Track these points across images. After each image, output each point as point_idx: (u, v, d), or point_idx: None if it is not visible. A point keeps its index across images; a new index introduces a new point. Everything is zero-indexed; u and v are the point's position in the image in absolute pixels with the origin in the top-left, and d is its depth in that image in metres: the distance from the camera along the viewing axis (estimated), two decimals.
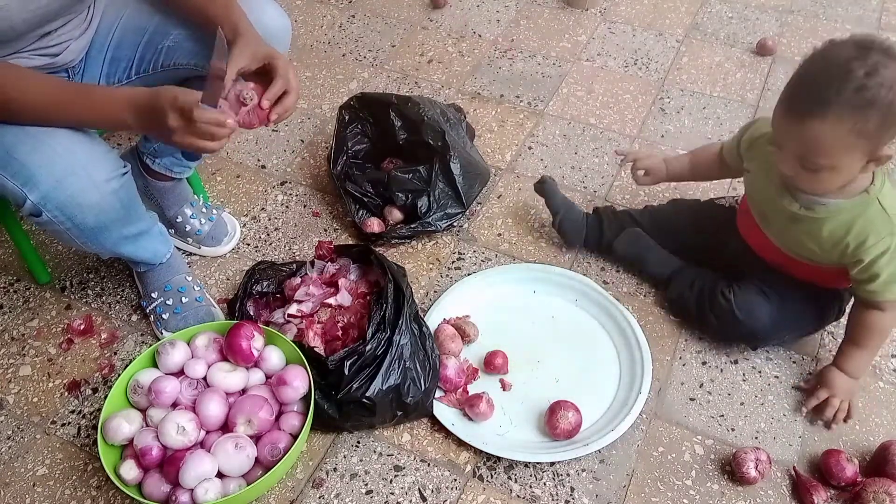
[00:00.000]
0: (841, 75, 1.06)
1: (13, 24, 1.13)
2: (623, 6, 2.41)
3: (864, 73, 1.05)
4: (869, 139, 1.08)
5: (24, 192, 1.15)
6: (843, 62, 1.06)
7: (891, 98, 1.05)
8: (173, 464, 1.18)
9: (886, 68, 1.04)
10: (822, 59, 1.10)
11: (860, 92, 1.05)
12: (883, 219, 1.18)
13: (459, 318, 1.50)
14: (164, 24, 1.36)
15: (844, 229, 1.21)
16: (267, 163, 1.91)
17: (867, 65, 1.05)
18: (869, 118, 1.06)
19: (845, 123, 1.06)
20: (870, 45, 1.06)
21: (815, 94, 1.08)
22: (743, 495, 1.26)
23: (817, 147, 1.11)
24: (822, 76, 1.08)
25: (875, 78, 1.04)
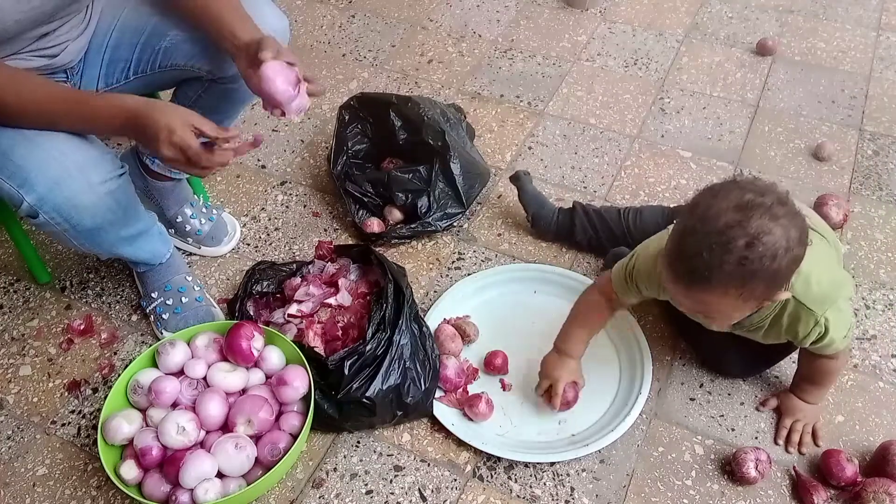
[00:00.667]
0: (721, 247, 0.98)
1: (5, 25, 1.12)
2: (623, 6, 2.41)
3: (744, 243, 0.98)
4: (757, 299, 1.06)
5: (21, 194, 1.15)
6: (721, 230, 0.99)
7: (775, 266, 1.00)
8: (173, 464, 1.18)
9: (769, 234, 0.98)
10: (701, 221, 1.01)
11: (742, 265, 0.99)
12: (804, 313, 1.14)
13: (459, 318, 1.50)
14: (161, 25, 1.35)
15: (776, 330, 1.20)
16: (267, 163, 1.91)
17: (747, 234, 0.98)
18: (754, 286, 1.02)
19: (731, 293, 1.03)
20: (749, 206, 0.99)
21: (698, 268, 1.02)
22: (743, 495, 1.26)
23: (706, 309, 1.11)
24: (702, 246, 1.00)
25: (756, 249, 0.97)
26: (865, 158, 1.86)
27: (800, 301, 1.14)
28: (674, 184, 1.81)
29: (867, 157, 1.87)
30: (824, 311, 1.14)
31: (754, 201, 1.00)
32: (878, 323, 1.51)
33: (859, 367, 1.43)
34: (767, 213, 0.99)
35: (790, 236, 0.99)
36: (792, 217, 1.00)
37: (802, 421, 1.32)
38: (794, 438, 1.32)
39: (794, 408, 1.33)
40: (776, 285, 1.04)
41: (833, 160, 1.85)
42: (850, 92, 2.05)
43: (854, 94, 2.05)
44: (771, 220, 0.98)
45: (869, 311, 1.52)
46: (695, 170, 1.84)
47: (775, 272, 1.01)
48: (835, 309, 1.15)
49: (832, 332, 1.16)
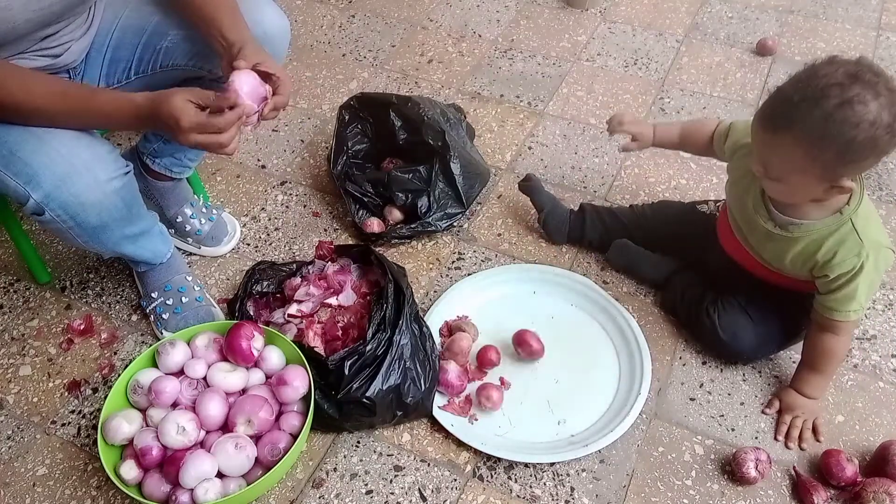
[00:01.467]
0: (814, 99, 1.03)
1: (15, 24, 1.13)
2: (623, 6, 2.41)
3: (835, 103, 1.01)
4: (825, 168, 1.08)
5: (28, 191, 1.15)
6: (823, 87, 1.03)
7: (852, 135, 1.02)
8: (173, 464, 1.18)
9: (862, 104, 1.01)
10: (807, 76, 1.07)
11: (824, 121, 1.03)
12: (853, 239, 1.18)
13: (459, 318, 1.50)
14: (162, 25, 1.36)
15: (815, 247, 1.21)
16: (267, 163, 1.91)
17: (843, 96, 1.01)
18: (826, 149, 1.05)
19: (803, 146, 1.06)
20: (858, 75, 1.02)
21: (785, 110, 1.07)
22: (743, 495, 1.26)
23: (775, 159, 1.13)
24: (798, 94, 1.06)
25: (844, 111, 1.01)
26: None
27: (855, 228, 1.17)
28: (674, 184, 1.81)
29: None
30: (869, 250, 1.17)
31: (865, 76, 1.03)
32: (878, 323, 1.51)
33: (859, 367, 1.43)
34: (871, 88, 1.02)
35: (881, 116, 1.02)
36: (892, 104, 1.02)
37: (802, 417, 1.33)
38: (794, 434, 1.32)
39: (795, 404, 1.34)
40: (846, 159, 1.06)
41: None
42: None
43: None
44: (871, 94, 1.01)
45: (869, 311, 1.52)
46: (695, 170, 1.84)
47: (850, 141, 1.03)
48: (875, 257, 1.18)
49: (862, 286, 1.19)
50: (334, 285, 1.46)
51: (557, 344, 1.47)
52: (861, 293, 1.21)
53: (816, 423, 1.33)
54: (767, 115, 1.11)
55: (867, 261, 1.18)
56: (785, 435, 1.33)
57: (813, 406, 1.33)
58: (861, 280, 1.20)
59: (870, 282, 1.21)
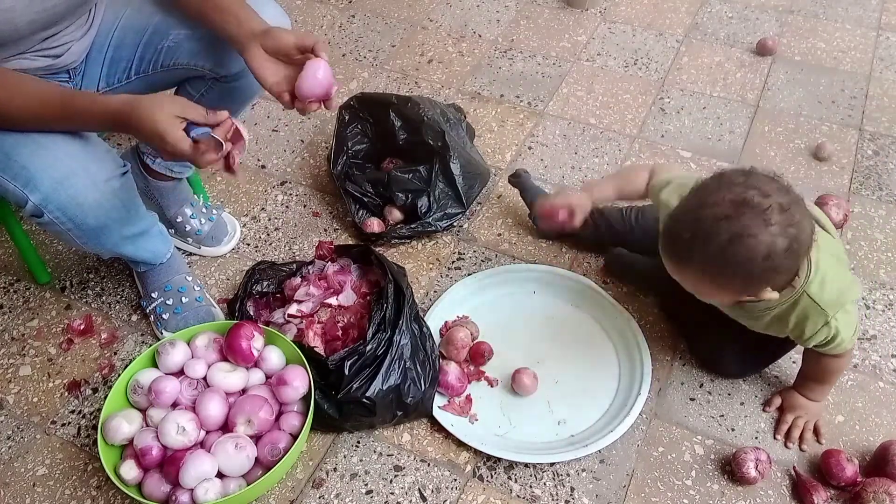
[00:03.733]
0: (705, 235, 1.03)
1: (18, 26, 1.13)
2: (623, 6, 2.41)
3: (725, 238, 1.01)
4: (737, 291, 1.09)
5: (26, 194, 1.15)
6: (711, 221, 1.02)
7: (749, 267, 1.02)
8: (173, 464, 1.18)
9: (752, 237, 1.00)
10: (698, 204, 1.05)
11: (720, 255, 1.02)
12: (815, 311, 1.15)
13: (459, 318, 1.50)
14: (163, 24, 1.35)
15: (781, 322, 1.20)
16: (267, 163, 1.91)
17: (731, 231, 1.00)
18: (730, 277, 1.05)
19: (707, 277, 1.07)
20: (745, 203, 1.01)
21: (682, 246, 1.07)
22: (743, 495, 1.26)
23: (689, 285, 1.14)
24: (689, 230, 1.05)
25: (735, 247, 1.00)
26: (865, 158, 1.86)
27: (814, 301, 1.14)
28: None
29: (867, 157, 1.87)
30: (835, 312, 1.14)
31: (752, 201, 1.01)
32: (878, 323, 1.51)
33: (859, 367, 1.43)
34: (760, 216, 1.00)
35: (775, 245, 1.00)
36: (786, 226, 1.01)
37: (804, 417, 1.33)
38: (794, 434, 1.32)
39: (797, 404, 1.33)
40: (752, 285, 1.07)
41: (833, 160, 1.85)
42: (850, 92, 2.05)
43: (854, 94, 2.05)
44: (761, 225, 1.00)
45: (869, 311, 1.52)
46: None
47: (749, 273, 1.03)
48: (843, 311, 1.16)
49: (842, 333, 1.17)
50: (334, 285, 1.46)
51: (557, 344, 1.47)
52: (846, 334, 1.18)
53: (818, 425, 1.33)
54: (668, 250, 1.11)
55: (838, 321, 1.16)
56: (785, 434, 1.33)
57: (815, 408, 1.33)
58: (840, 332, 1.17)
59: (850, 325, 1.18)
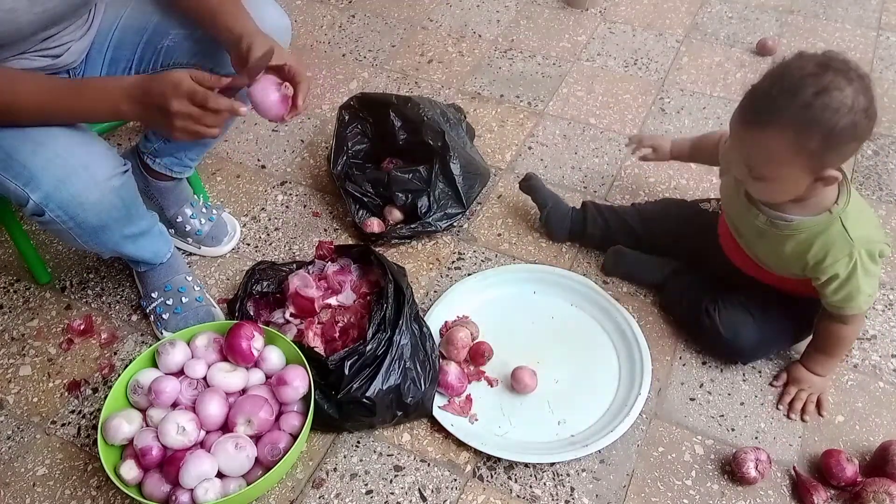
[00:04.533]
0: (792, 90, 1.05)
1: (20, 26, 1.13)
2: (623, 6, 2.41)
3: (813, 91, 1.04)
4: (809, 157, 1.09)
5: (27, 193, 1.15)
6: (799, 78, 1.06)
7: (835, 121, 1.04)
8: (173, 464, 1.18)
9: (838, 90, 1.04)
10: (781, 71, 1.09)
11: (805, 110, 1.05)
12: (843, 239, 1.18)
13: (459, 318, 1.50)
14: (163, 24, 1.36)
15: (805, 246, 1.21)
16: (267, 163, 1.91)
17: (819, 84, 1.04)
18: (810, 137, 1.06)
19: (787, 137, 1.07)
20: (828, 65, 1.06)
21: (764, 105, 1.09)
22: (743, 495, 1.26)
23: (760, 156, 1.13)
24: (775, 88, 1.08)
25: (822, 98, 1.04)
26: (865, 158, 1.86)
27: (846, 229, 1.17)
28: (674, 184, 1.81)
29: (867, 157, 1.87)
30: (861, 248, 1.17)
31: (834, 64, 1.06)
32: (879, 323, 1.51)
33: (859, 367, 1.43)
34: (844, 75, 1.05)
35: (857, 100, 1.04)
36: (865, 88, 1.06)
37: (808, 391, 1.34)
38: (797, 406, 1.34)
39: (801, 377, 1.35)
40: (831, 144, 1.07)
41: None
42: None
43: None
44: (845, 81, 1.05)
45: (869, 311, 1.52)
46: (695, 170, 1.84)
47: (832, 127, 1.05)
48: (868, 255, 1.18)
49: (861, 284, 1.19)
50: (334, 285, 1.46)
51: (557, 344, 1.47)
52: (864, 287, 1.21)
53: (821, 398, 1.35)
54: (748, 112, 1.12)
55: (860, 258, 1.18)
56: (788, 405, 1.34)
57: (820, 382, 1.35)
58: (859, 278, 1.20)
59: (869, 276, 1.21)
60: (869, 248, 1.19)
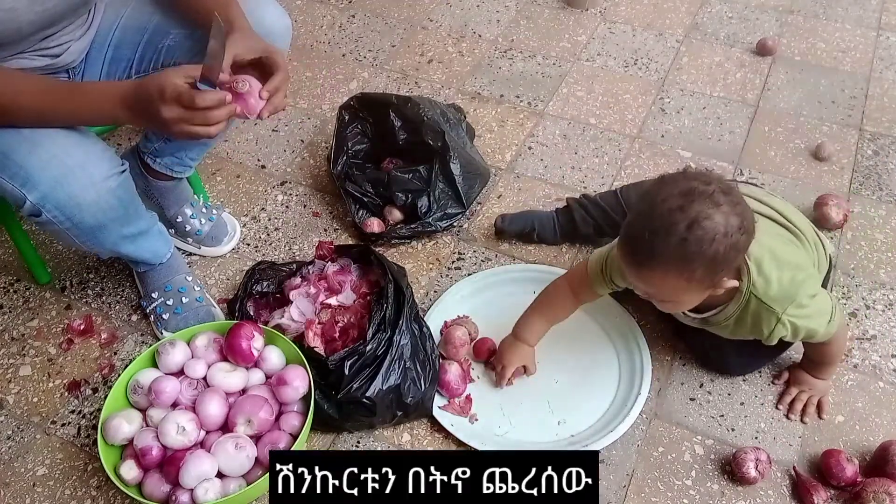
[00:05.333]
0: (664, 229, 1.06)
1: (20, 25, 1.13)
2: (623, 6, 2.41)
3: (684, 227, 1.04)
4: (700, 282, 1.11)
5: (24, 193, 1.15)
6: (666, 215, 1.06)
7: (713, 250, 1.05)
8: (173, 464, 1.18)
9: (708, 219, 1.04)
10: (649, 209, 1.09)
11: (682, 246, 1.05)
12: (765, 311, 1.18)
13: (459, 318, 1.50)
14: (163, 24, 1.36)
15: (742, 327, 1.23)
16: (267, 163, 1.91)
17: (688, 217, 1.04)
18: (694, 268, 1.07)
19: (672, 274, 1.09)
20: (691, 192, 1.06)
21: (642, 247, 1.09)
22: (743, 495, 1.26)
23: (654, 289, 1.16)
24: (647, 231, 1.08)
25: (695, 232, 1.04)
26: (865, 158, 1.86)
27: (760, 299, 1.18)
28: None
29: (867, 157, 1.87)
30: (784, 309, 1.17)
31: (698, 189, 1.07)
32: (878, 323, 1.51)
33: (859, 367, 1.43)
34: (709, 199, 1.05)
35: (729, 223, 1.05)
36: (733, 205, 1.07)
37: (809, 392, 1.35)
38: (797, 407, 1.34)
39: (803, 380, 1.36)
40: (716, 269, 1.09)
41: (833, 160, 1.85)
42: (850, 92, 2.05)
43: (854, 94, 2.05)
44: (711, 207, 1.05)
45: (869, 311, 1.52)
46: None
47: (713, 255, 1.06)
48: (796, 305, 1.17)
49: (810, 325, 1.19)
50: (334, 285, 1.46)
51: (557, 344, 1.46)
52: (818, 319, 1.20)
53: (822, 400, 1.35)
54: (629, 255, 1.14)
55: (792, 316, 1.17)
56: (788, 406, 1.35)
57: (821, 385, 1.35)
58: (806, 322, 1.19)
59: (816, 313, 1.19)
60: (796, 301, 1.17)
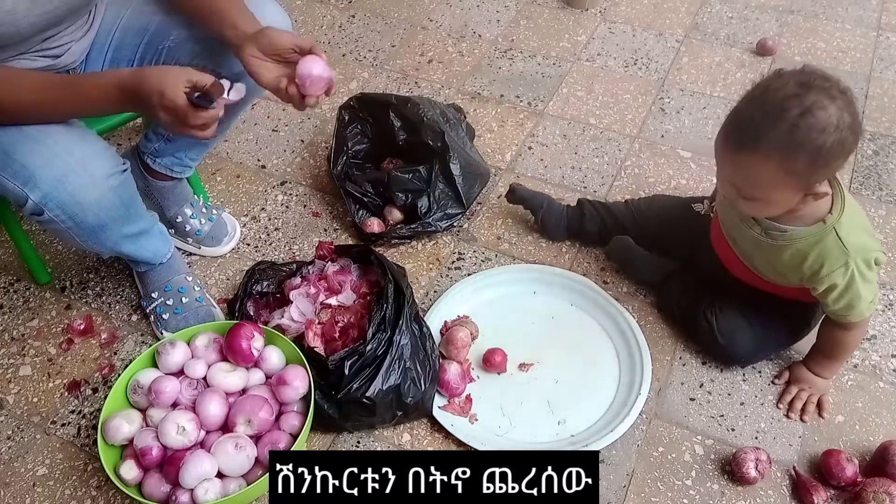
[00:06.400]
0: (775, 113, 1.04)
1: (19, 28, 1.13)
2: (623, 6, 2.41)
3: (797, 113, 1.03)
4: (798, 177, 1.08)
5: (26, 193, 1.15)
6: (781, 100, 1.04)
7: (821, 141, 1.03)
8: (173, 464, 1.18)
9: (822, 109, 1.03)
10: (762, 93, 1.07)
11: (791, 132, 1.04)
12: (838, 249, 1.17)
13: (459, 318, 1.50)
14: (164, 25, 1.36)
15: (801, 257, 1.21)
16: (267, 163, 1.91)
17: (802, 105, 1.03)
18: (797, 158, 1.05)
19: (774, 161, 1.06)
20: (810, 83, 1.04)
21: (748, 129, 1.07)
22: (743, 495, 1.26)
23: (748, 179, 1.13)
24: (758, 112, 1.06)
25: (807, 119, 1.03)
26: (865, 158, 1.86)
27: (840, 239, 1.17)
28: (674, 184, 1.81)
29: (867, 157, 1.87)
30: (857, 257, 1.17)
31: (815, 82, 1.05)
32: (878, 323, 1.51)
33: (859, 367, 1.43)
34: (826, 93, 1.04)
35: (842, 118, 1.04)
36: (848, 104, 1.06)
37: (809, 391, 1.35)
38: (797, 406, 1.34)
39: (803, 378, 1.36)
40: (819, 164, 1.07)
41: None
42: None
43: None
44: (827, 99, 1.04)
45: None
46: (695, 170, 1.84)
47: (820, 147, 1.04)
48: (865, 263, 1.17)
49: (861, 291, 1.19)
50: (334, 285, 1.46)
51: (557, 344, 1.47)
52: (865, 294, 1.21)
53: (822, 400, 1.35)
54: (732, 137, 1.11)
55: (857, 267, 1.18)
56: (788, 405, 1.35)
57: (822, 384, 1.35)
58: (857, 286, 1.19)
59: (867, 282, 1.21)
60: (865, 257, 1.18)
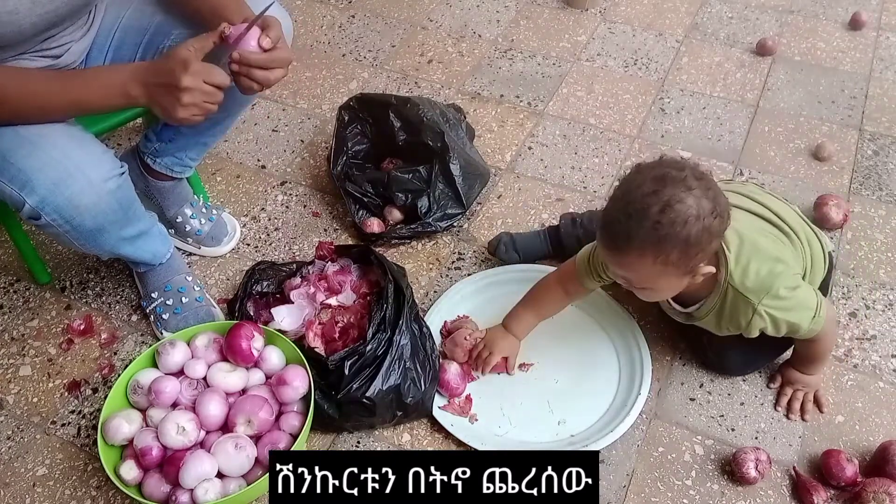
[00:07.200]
0: (638, 213, 1.08)
1: (21, 28, 1.13)
2: (623, 6, 2.41)
3: (657, 210, 1.07)
4: (677, 266, 1.12)
5: (23, 197, 1.15)
6: (640, 199, 1.08)
7: (686, 232, 1.07)
8: (173, 464, 1.18)
9: (680, 203, 1.06)
10: (624, 193, 1.11)
11: (655, 229, 1.07)
12: (742, 302, 1.19)
13: (459, 318, 1.50)
14: (164, 25, 1.36)
15: (723, 320, 1.25)
16: (267, 163, 1.91)
17: (661, 201, 1.07)
18: (669, 251, 1.09)
19: (649, 256, 1.10)
20: (665, 178, 1.08)
21: (619, 231, 1.11)
22: (743, 495, 1.26)
23: (631, 274, 1.17)
24: (622, 213, 1.10)
25: (668, 215, 1.06)
26: (865, 158, 1.86)
27: (736, 289, 1.19)
28: None
29: (867, 157, 1.87)
30: (760, 299, 1.18)
31: (670, 174, 1.09)
32: (878, 323, 1.51)
33: (859, 367, 1.43)
34: (681, 184, 1.08)
35: (701, 206, 1.08)
36: (706, 190, 1.09)
37: (803, 390, 1.36)
38: (795, 406, 1.36)
39: (794, 378, 1.37)
40: (690, 253, 1.10)
41: (833, 160, 1.85)
42: (850, 92, 2.05)
43: (854, 94, 2.05)
44: (683, 191, 1.07)
45: (869, 311, 1.52)
46: None
47: (686, 238, 1.08)
48: (772, 297, 1.18)
49: (790, 318, 1.20)
50: (334, 285, 1.46)
51: (557, 344, 1.47)
52: (802, 314, 1.20)
53: (818, 395, 1.36)
54: (607, 240, 1.15)
55: (770, 306, 1.18)
56: (787, 406, 1.36)
57: (813, 380, 1.37)
58: (787, 314, 1.19)
59: (795, 307, 1.20)
60: (771, 292, 1.18)
